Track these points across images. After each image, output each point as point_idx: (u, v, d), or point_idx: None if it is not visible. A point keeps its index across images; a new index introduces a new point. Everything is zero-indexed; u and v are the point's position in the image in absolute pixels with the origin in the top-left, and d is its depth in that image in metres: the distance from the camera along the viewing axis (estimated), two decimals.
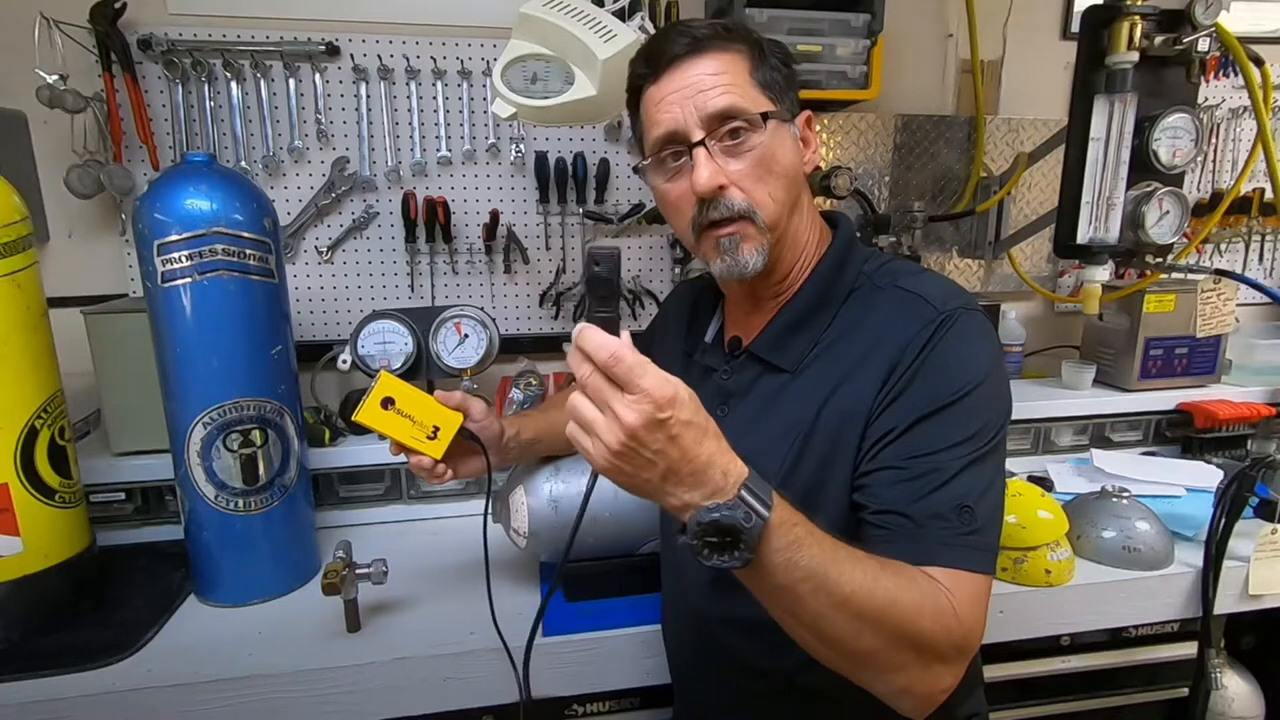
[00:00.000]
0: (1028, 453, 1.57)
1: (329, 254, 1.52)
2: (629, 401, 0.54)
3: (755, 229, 0.74)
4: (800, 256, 0.80)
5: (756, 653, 0.79)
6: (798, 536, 0.58)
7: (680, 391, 0.55)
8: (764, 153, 0.73)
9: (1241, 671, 1.34)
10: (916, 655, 0.62)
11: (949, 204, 1.77)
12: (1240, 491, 1.15)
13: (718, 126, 0.72)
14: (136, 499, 1.28)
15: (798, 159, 0.77)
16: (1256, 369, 1.65)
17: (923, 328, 0.70)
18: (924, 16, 1.71)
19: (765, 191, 0.74)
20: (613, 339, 0.55)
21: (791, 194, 0.76)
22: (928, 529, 0.65)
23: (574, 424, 0.58)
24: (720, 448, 0.58)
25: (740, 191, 0.73)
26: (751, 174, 0.73)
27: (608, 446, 0.55)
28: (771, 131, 0.73)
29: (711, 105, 0.71)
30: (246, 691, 0.93)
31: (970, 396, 0.68)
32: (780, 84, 0.76)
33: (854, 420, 0.71)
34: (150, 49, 1.37)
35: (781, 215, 0.75)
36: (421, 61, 1.48)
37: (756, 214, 0.74)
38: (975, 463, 0.67)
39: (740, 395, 0.81)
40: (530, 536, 1.07)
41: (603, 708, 1.07)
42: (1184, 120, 1.32)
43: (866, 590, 0.59)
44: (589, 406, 0.57)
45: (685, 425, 0.55)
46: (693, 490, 0.57)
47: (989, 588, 0.66)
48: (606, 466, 0.57)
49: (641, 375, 0.54)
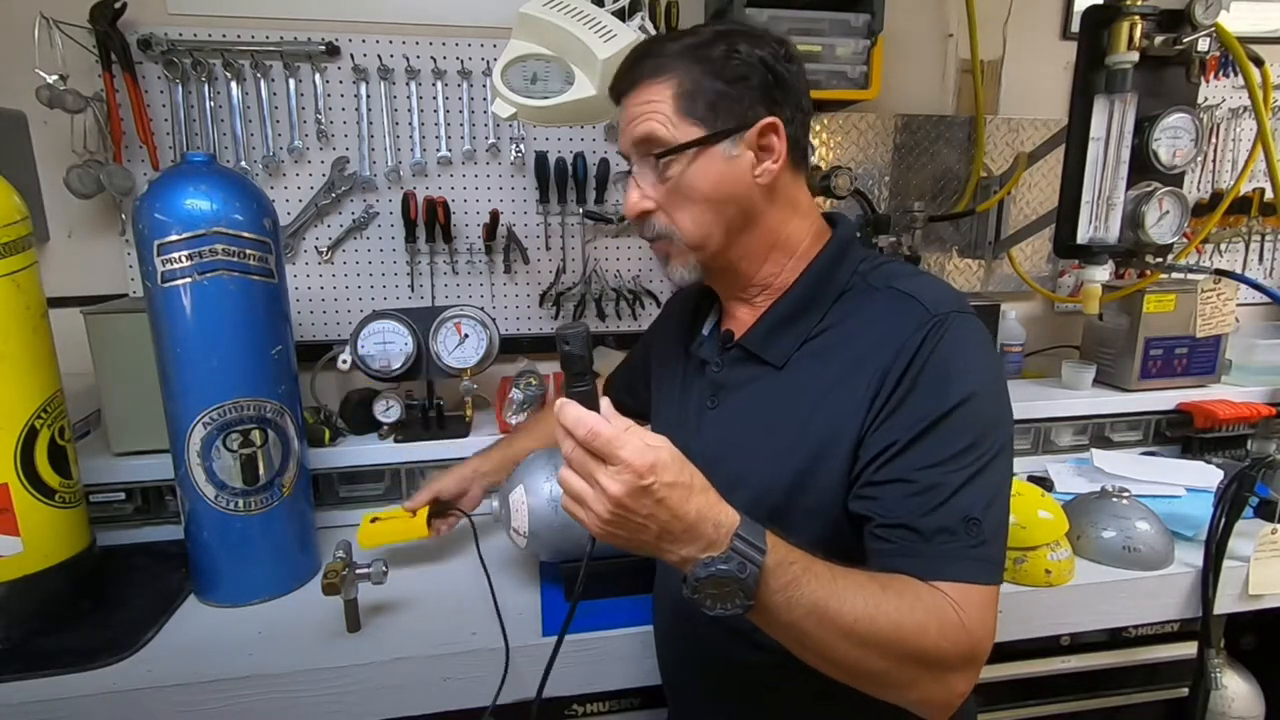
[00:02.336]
0: (1028, 453, 1.57)
1: (329, 254, 1.52)
2: (611, 473, 0.57)
3: (677, 248, 0.79)
4: (784, 257, 0.80)
5: (739, 650, 0.80)
6: (795, 575, 0.60)
7: (661, 456, 0.58)
8: (681, 181, 0.75)
9: (1241, 671, 1.34)
10: (927, 670, 0.63)
11: (949, 204, 1.77)
12: (1240, 491, 1.15)
13: (644, 153, 0.76)
14: (136, 499, 1.28)
15: (729, 180, 0.75)
16: (1256, 369, 1.65)
17: (915, 331, 0.70)
18: (924, 16, 1.71)
19: (686, 216, 0.77)
20: (589, 415, 0.58)
21: (723, 214, 0.76)
22: (935, 543, 0.65)
23: (566, 496, 0.62)
24: (709, 501, 0.60)
25: (664, 215, 0.78)
26: (670, 200, 0.77)
27: (599, 516, 0.59)
28: (688, 161, 0.74)
29: (633, 133, 0.76)
30: (246, 691, 0.93)
31: (970, 405, 0.67)
32: (731, 99, 0.74)
33: (844, 428, 0.71)
34: (150, 49, 1.37)
35: (708, 236, 0.77)
36: (421, 61, 1.48)
37: (675, 235, 0.78)
38: (980, 472, 0.67)
39: (730, 389, 0.82)
40: (530, 536, 1.07)
41: (602, 707, 1.07)
42: (1184, 120, 1.32)
43: (869, 617, 0.61)
44: (577, 480, 0.60)
45: (670, 487, 0.57)
46: (688, 545, 0.59)
47: (997, 596, 0.67)
48: (601, 534, 0.61)
49: (620, 446, 0.57)
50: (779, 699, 0.81)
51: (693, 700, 0.91)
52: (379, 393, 1.38)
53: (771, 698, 0.81)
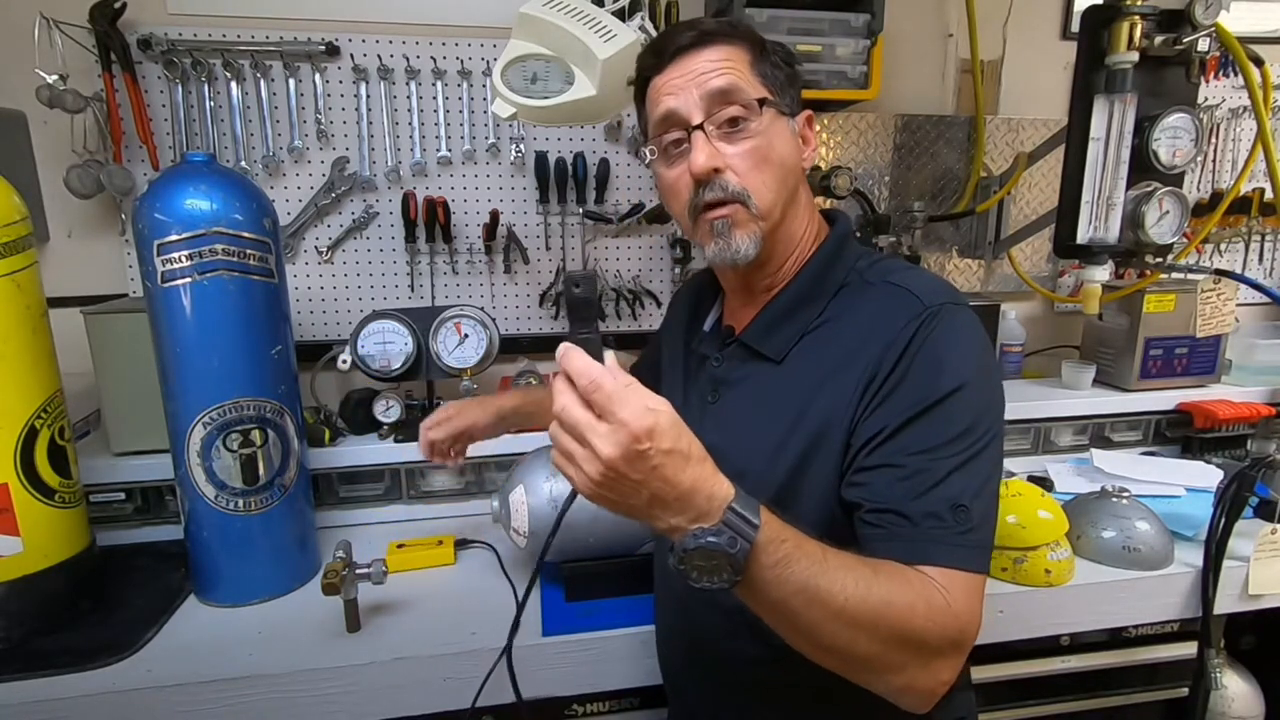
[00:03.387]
0: (1028, 453, 1.57)
1: (329, 254, 1.52)
2: (606, 433, 0.54)
3: (748, 213, 0.75)
4: (794, 250, 0.81)
5: (741, 648, 0.80)
6: (787, 552, 0.59)
7: (660, 421, 0.55)
8: (760, 141, 0.74)
9: (1241, 671, 1.34)
10: (914, 655, 0.62)
11: (949, 204, 1.77)
12: (1240, 491, 1.15)
13: (717, 110, 0.74)
14: (136, 499, 1.28)
15: (795, 153, 0.78)
16: (1256, 369, 1.65)
17: (908, 323, 0.70)
18: (924, 16, 1.71)
19: (759, 178, 0.75)
20: (593, 365, 0.55)
21: (787, 185, 0.77)
22: (923, 528, 0.65)
23: (557, 453, 0.59)
24: (704, 472, 0.58)
25: (735, 175, 0.74)
26: (747, 159, 0.74)
27: (589, 477, 0.56)
28: (769, 121, 0.75)
29: (712, 84, 0.73)
30: (246, 691, 0.93)
31: (962, 393, 0.68)
32: (781, 81, 0.78)
33: (837, 418, 0.71)
34: (150, 49, 1.37)
35: (775, 204, 0.76)
36: (421, 61, 1.48)
37: (750, 198, 0.75)
38: (970, 460, 0.67)
39: (730, 384, 0.83)
40: (530, 536, 1.07)
41: (602, 707, 1.07)
42: (1184, 120, 1.32)
43: (860, 598, 0.60)
44: (568, 439, 0.57)
45: (666, 454, 0.55)
46: (679, 515, 0.57)
47: (984, 583, 0.67)
48: (590, 494, 0.58)
49: (621, 405, 0.54)
50: (781, 697, 0.81)
51: (694, 699, 0.91)
52: (379, 393, 1.38)
53: (773, 696, 0.81)
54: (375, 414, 1.37)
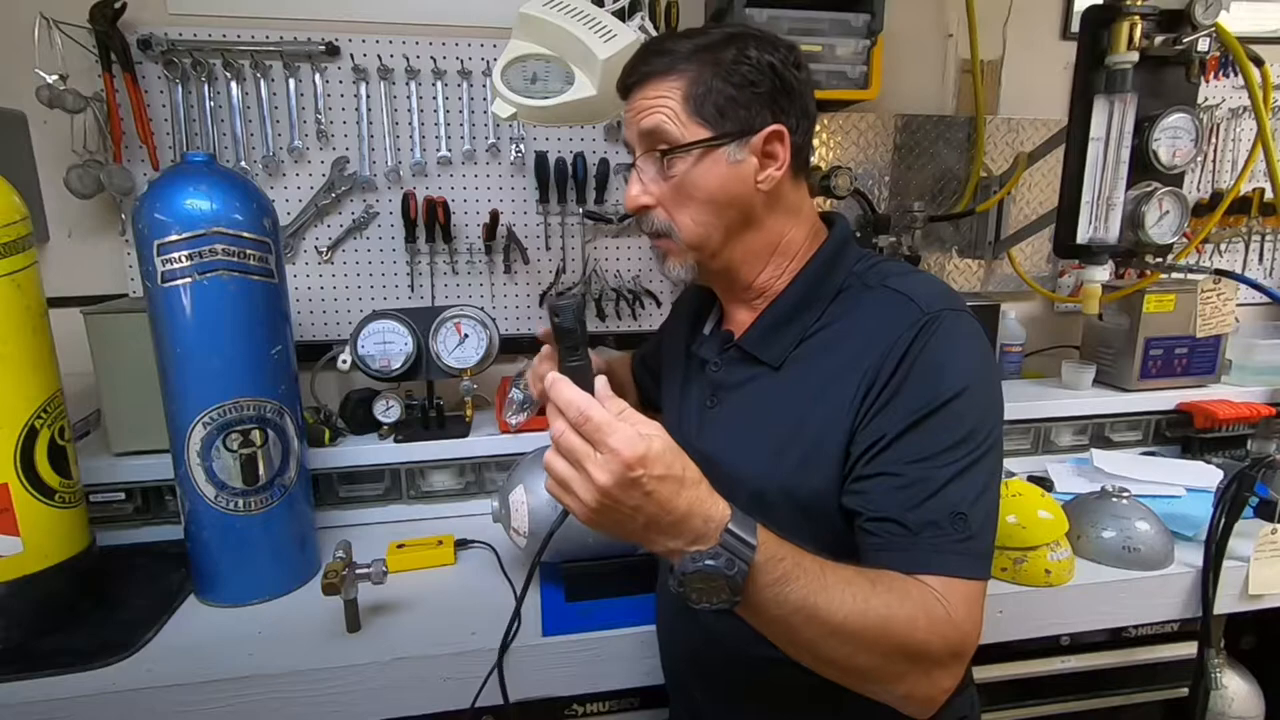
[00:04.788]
0: (1028, 453, 1.57)
1: (329, 254, 1.52)
2: (600, 462, 0.55)
3: (676, 246, 0.78)
4: (784, 261, 0.81)
5: (743, 647, 0.80)
6: (785, 571, 0.59)
7: (652, 447, 0.55)
8: (684, 180, 0.75)
9: (1241, 671, 1.33)
10: (914, 665, 0.63)
11: (949, 204, 1.77)
12: (1240, 491, 1.15)
13: (649, 148, 0.76)
14: (136, 499, 1.28)
15: (735, 182, 0.75)
16: (1256, 369, 1.65)
17: (907, 329, 0.70)
18: (924, 16, 1.71)
19: (684, 215, 0.77)
20: (581, 397, 0.56)
21: (724, 216, 0.76)
22: (922, 537, 0.65)
23: (552, 481, 0.59)
24: (700, 495, 0.58)
25: (664, 211, 0.77)
26: (672, 198, 0.77)
27: (584, 504, 0.57)
28: (693, 160, 0.74)
29: (642, 124, 0.76)
30: (246, 691, 0.93)
31: (959, 400, 0.68)
32: (742, 102, 0.74)
33: (835, 426, 0.71)
34: (150, 49, 1.37)
35: (705, 238, 0.77)
36: (421, 61, 1.48)
37: (675, 233, 0.77)
38: (969, 468, 0.67)
39: (729, 389, 0.83)
40: (530, 536, 1.07)
41: (602, 707, 1.07)
42: (1184, 120, 1.32)
43: (859, 613, 0.60)
44: (563, 464, 0.58)
45: (659, 480, 0.55)
46: (676, 538, 0.58)
47: (984, 591, 0.67)
48: (587, 521, 0.58)
49: (611, 434, 0.55)
50: (783, 696, 0.81)
51: (696, 698, 0.91)
52: (379, 393, 1.38)
53: (775, 695, 0.81)
54: (375, 414, 1.37)
